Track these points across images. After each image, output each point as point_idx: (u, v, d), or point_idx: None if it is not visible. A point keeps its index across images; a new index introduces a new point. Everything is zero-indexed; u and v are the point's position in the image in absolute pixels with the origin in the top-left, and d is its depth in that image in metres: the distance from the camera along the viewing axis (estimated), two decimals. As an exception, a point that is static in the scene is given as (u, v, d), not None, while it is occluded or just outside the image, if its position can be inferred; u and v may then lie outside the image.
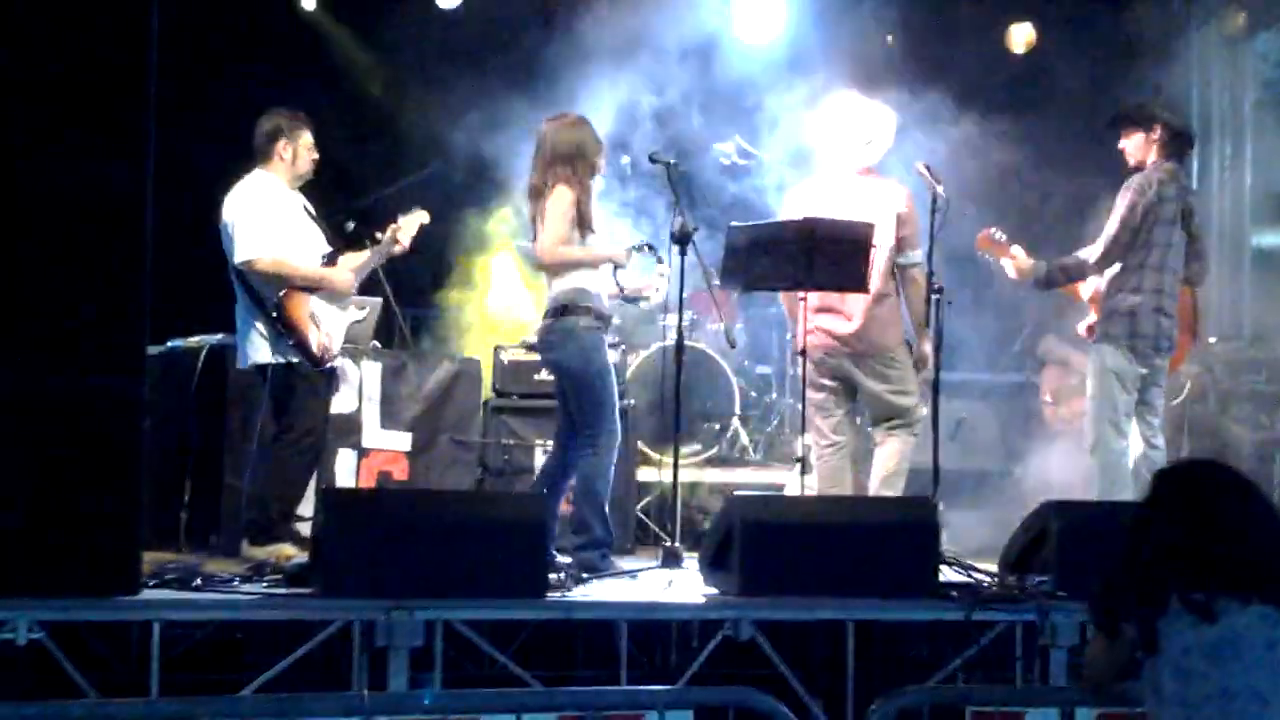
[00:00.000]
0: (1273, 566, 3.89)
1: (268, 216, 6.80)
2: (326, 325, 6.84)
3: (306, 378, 6.81)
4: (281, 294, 6.74)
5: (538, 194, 6.63)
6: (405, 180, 8.86)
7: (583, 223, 6.58)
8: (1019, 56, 10.44)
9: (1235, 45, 10.30)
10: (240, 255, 6.71)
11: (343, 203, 8.22)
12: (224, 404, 7.41)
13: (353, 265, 7.03)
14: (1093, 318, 7.37)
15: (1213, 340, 9.89)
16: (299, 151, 6.93)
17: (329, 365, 6.91)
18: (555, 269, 6.61)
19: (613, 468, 6.65)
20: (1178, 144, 7.34)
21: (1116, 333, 7.19)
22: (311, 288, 6.81)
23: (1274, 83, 9.94)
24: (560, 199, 6.51)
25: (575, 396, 6.66)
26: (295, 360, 6.76)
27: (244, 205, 6.80)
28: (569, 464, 6.67)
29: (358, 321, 7.16)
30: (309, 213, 7.03)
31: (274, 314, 6.70)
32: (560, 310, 6.62)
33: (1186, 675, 3.87)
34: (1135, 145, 7.32)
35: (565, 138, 6.60)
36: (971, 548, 7.05)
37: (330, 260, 6.95)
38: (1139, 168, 7.29)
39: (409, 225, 7.09)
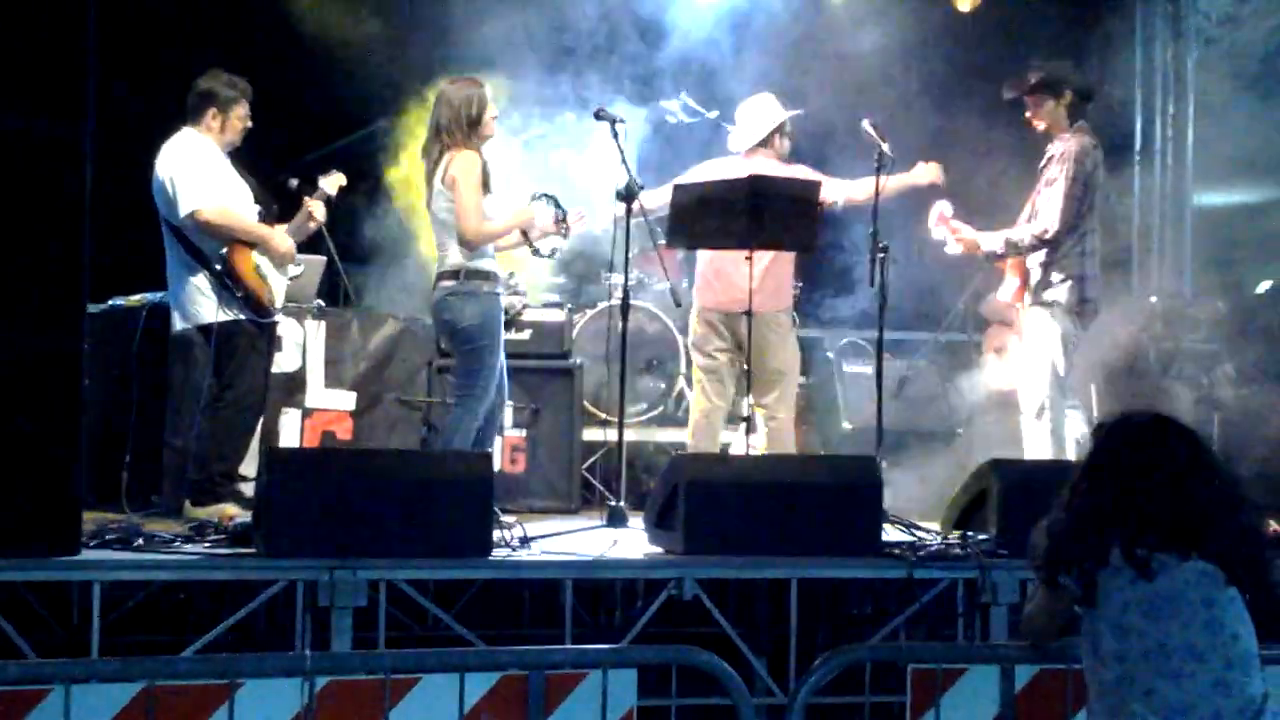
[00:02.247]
0: (1213, 522, 3.93)
1: (207, 170, 6.78)
2: (271, 280, 6.84)
3: (249, 335, 6.79)
4: (225, 249, 6.71)
5: (429, 153, 6.69)
6: (347, 138, 8.75)
7: (484, 185, 6.63)
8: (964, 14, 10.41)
9: (1178, 4, 10.34)
10: (185, 207, 6.68)
11: (285, 158, 8.11)
12: (166, 362, 7.33)
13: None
14: (1017, 282, 7.38)
15: (1154, 299, 9.97)
16: (230, 122, 6.91)
17: (272, 321, 6.90)
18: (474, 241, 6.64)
19: (475, 429, 6.65)
20: (1085, 105, 7.40)
21: (1066, 299, 7.22)
22: (252, 244, 6.78)
23: (1216, 41, 9.99)
24: (469, 167, 6.54)
25: (463, 356, 6.70)
26: (241, 316, 6.73)
27: (181, 160, 6.77)
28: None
29: (294, 278, 7.13)
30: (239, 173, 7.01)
31: (219, 266, 6.68)
32: (466, 274, 6.62)
33: (1124, 631, 3.91)
34: (1047, 112, 7.36)
35: (462, 100, 6.61)
36: (914, 506, 7.09)
37: (263, 217, 6.93)
38: (1049, 133, 7.35)
39: (327, 188, 7.13)
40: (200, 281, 6.72)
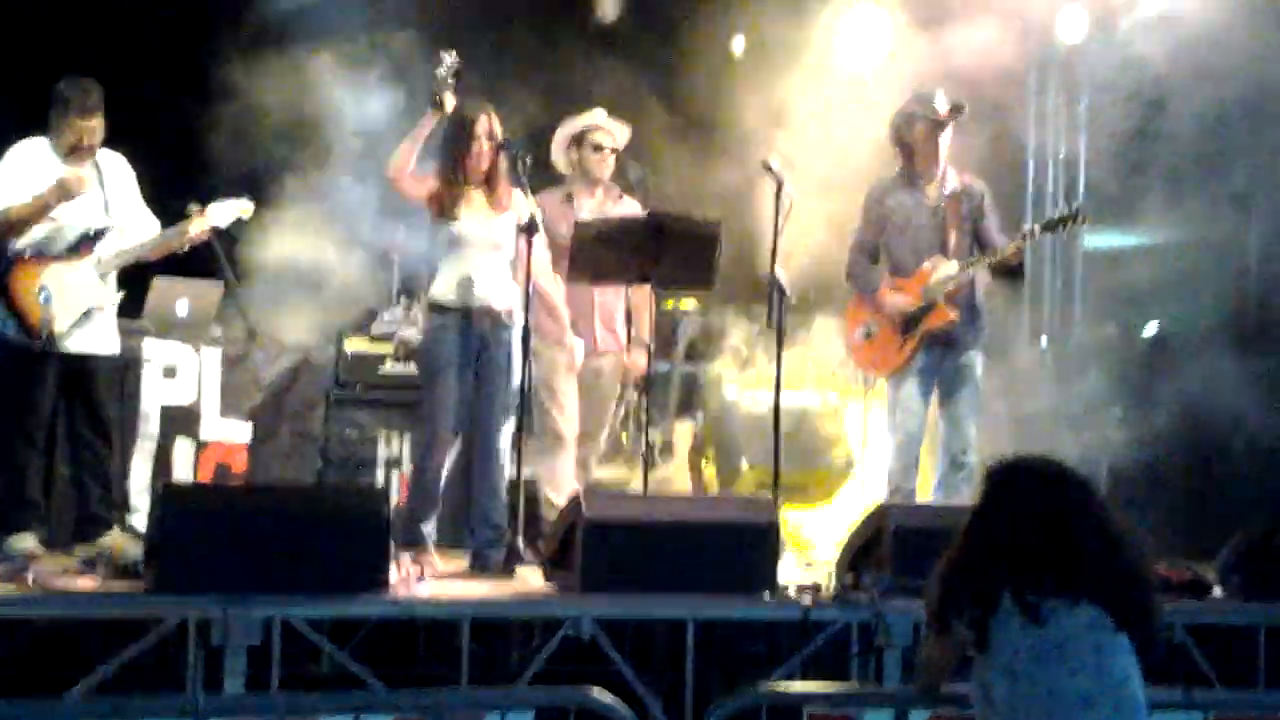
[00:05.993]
0: (1102, 567, 3.99)
1: (13, 170, 6.67)
2: (59, 303, 6.63)
3: (23, 357, 6.65)
4: (13, 261, 6.63)
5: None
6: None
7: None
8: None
9: (1070, 52, 10.54)
10: None
11: (191, 181, 8.01)
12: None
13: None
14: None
15: (1044, 341, 10.14)
16: (63, 129, 6.73)
17: (46, 347, 6.64)
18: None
19: (428, 466, 6.65)
20: None
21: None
22: (45, 260, 6.66)
23: (1106, 89, 10.19)
24: None
25: None
26: (8, 334, 6.62)
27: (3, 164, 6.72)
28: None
29: (96, 310, 6.81)
30: (100, 180, 6.82)
31: None
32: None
33: (1014, 677, 3.97)
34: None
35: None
36: (812, 545, 7.14)
37: (95, 236, 6.77)
38: (936, 162, 7.53)
39: (216, 213, 6.97)
40: None
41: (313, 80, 8.54)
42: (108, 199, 6.85)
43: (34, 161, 6.72)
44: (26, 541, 6.52)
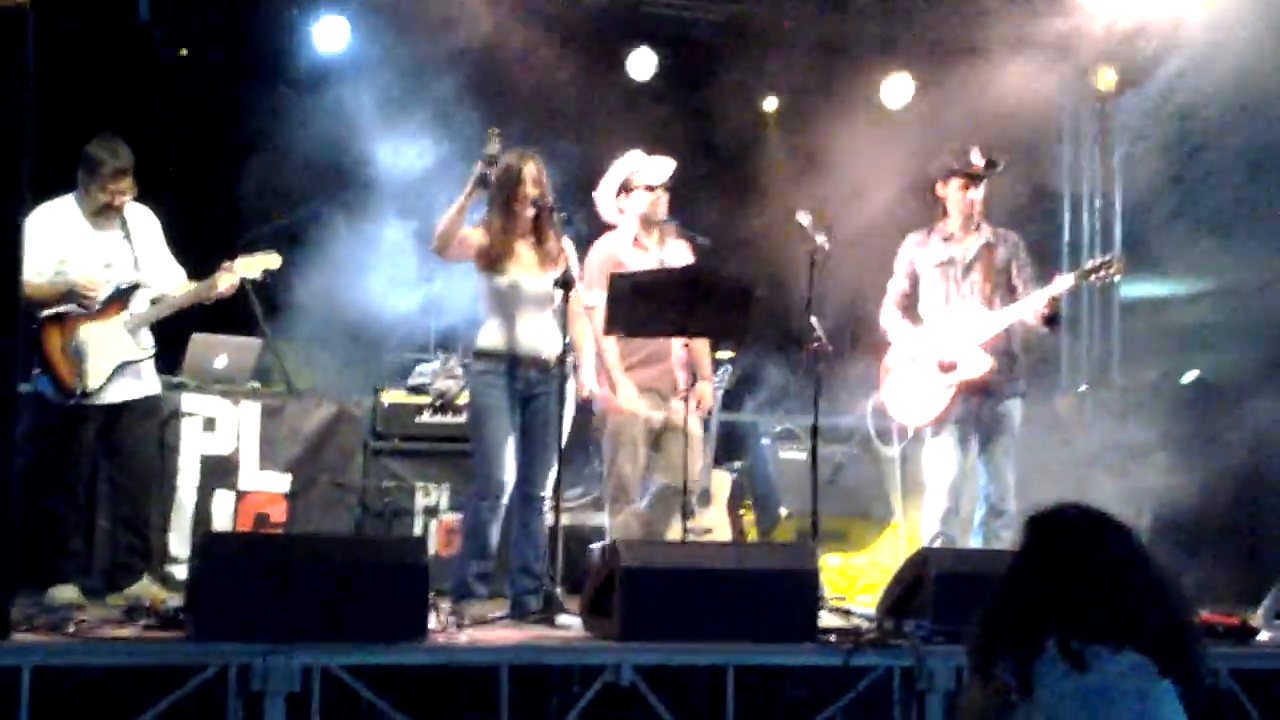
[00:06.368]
0: (1145, 614, 3.95)
1: (44, 237, 6.70)
2: (92, 360, 6.73)
3: (61, 412, 6.73)
4: (43, 319, 6.70)
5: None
6: (288, 218, 8.75)
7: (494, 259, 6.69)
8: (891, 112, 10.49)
9: (1105, 101, 10.57)
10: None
11: (228, 235, 8.09)
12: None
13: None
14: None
15: (1083, 388, 10.10)
16: (92, 191, 6.82)
17: (80, 402, 6.74)
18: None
19: (480, 513, 6.67)
20: None
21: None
22: (77, 319, 6.73)
23: (1141, 137, 10.22)
24: None
25: None
26: (42, 391, 6.71)
27: (31, 224, 6.66)
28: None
29: (132, 362, 6.88)
30: (127, 236, 6.91)
31: (32, 336, 6.63)
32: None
33: (1059, 724, 3.93)
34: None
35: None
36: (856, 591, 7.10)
37: (126, 292, 6.85)
38: (973, 216, 7.55)
39: (245, 269, 7.01)
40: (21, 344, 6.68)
41: (354, 128, 8.65)
42: (136, 254, 6.93)
43: (61, 223, 6.81)
44: (68, 593, 6.59)
